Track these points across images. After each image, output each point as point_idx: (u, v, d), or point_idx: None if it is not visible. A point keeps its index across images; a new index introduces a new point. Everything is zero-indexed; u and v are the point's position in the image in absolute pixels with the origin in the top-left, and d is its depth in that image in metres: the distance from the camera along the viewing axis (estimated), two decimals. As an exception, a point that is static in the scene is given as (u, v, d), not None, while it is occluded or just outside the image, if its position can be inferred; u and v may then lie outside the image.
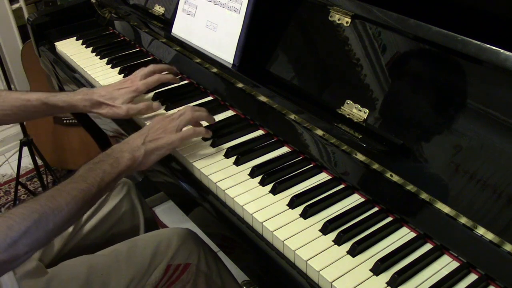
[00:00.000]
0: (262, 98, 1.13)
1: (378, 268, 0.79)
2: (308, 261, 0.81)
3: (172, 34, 1.37)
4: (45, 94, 1.16)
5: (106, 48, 1.55)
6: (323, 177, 1.00)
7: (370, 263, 0.81)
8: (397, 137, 0.92)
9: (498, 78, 0.81)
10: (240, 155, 1.04)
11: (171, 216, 2.16)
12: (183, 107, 1.12)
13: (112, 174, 0.92)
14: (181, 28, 1.36)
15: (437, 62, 0.90)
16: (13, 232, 0.74)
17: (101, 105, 1.17)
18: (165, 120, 1.04)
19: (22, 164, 2.27)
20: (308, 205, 0.91)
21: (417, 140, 0.89)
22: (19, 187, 2.23)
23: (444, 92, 0.88)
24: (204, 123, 1.13)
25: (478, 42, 0.80)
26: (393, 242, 0.85)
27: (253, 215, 0.90)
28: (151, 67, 1.24)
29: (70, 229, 1.17)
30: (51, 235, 0.81)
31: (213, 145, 1.09)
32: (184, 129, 1.05)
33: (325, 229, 0.87)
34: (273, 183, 0.97)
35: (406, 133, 0.91)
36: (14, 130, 2.64)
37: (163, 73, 1.27)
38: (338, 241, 0.85)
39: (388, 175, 0.90)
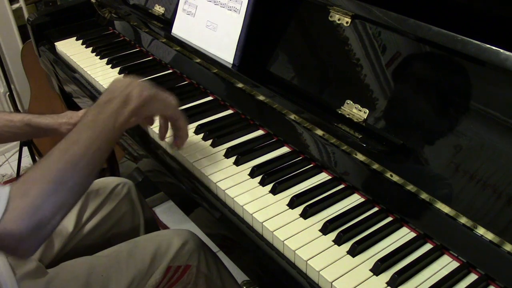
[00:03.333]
0: (262, 98, 1.13)
1: (378, 268, 0.79)
2: (308, 261, 0.81)
3: (172, 34, 1.37)
4: (29, 116, 1.14)
5: (106, 48, 1.55)
6: (323, 177, 1.00)
7: (370, 263, 0.81)
8: (397, 137, 0.92)
9: (498, 78, 0.81)
10: (240, 155, 1.04)
11: (171, 216, 2.16)
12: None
13: (125, 114, 0.86)
14: (181, 28, 1.36)
15: (437, 62, 0.90)
16: (30, 197, 0.71)
17: None
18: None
19: (22, 164, 2.27)
20: (308, 205, 0.91)
21: (417, 140, 0.89)
22: (19, 187, 2.22)
23: (444, 92, 0.88)
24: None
25: (478, 42, 0.80)
26: (393, 242, 0.85)
27: (253, 215, 0.90)
28: None
29: (70, 229, 1.17)
30: (74, 192, 0.77)
31: (213, 145, 1.09)
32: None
33: (325, 229, 0.87)
34: (273, 183, 0.97)
35: (406, 133, 0.91)
36: (14, 130, 2.63)
37: None
38: (338, 241, 0.85)
39: (388, 175, 0.90)
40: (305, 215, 0.90)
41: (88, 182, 0.81)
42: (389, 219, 0.90)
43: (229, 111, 1.22)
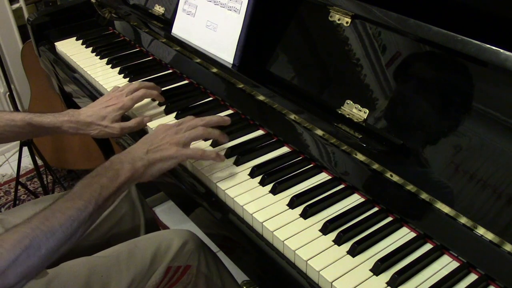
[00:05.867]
0: (262, 98, 1.13)
1: (378, 268, 0.79)
2: (308, 261, 0.81)
3: (172, 34, 1.37)
4: (30, 115, 1.14)
5: (106, 48, 1.55)
6: (323, 177, 1.00)
7: (370, 263, 0.81)
8: (397, 137, 0.92)
9: (498, 78, 0.81)
10: (240, 155, 1.04)
11: (171, 216, 2.16)
12: (191, 119, 1.05)
13: (111, 188, 0.87)
14: (181, 28, 1.36)
15: (437, 62, 0.90)
16: (1, 261, 0.70)
17: (90, 126, 1.14)
18: (172, 129, 0.99)
19: (22, 164, 2.27)
20: (308, 205, 0.91)
21: (417, 140, 0.89)
22: (19, 187, 2.23)
23: (444, 92, 0.88)
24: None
25: (478, 42, 0.80)
26: (393, 242, 0.85)
27: (253, 215, 0.91)
28: (137, 83, 1.22)
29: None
30: (44, 260, 0.77)
31: (213, 145, 1.09)
32: (192, 145, 0.99)
33: (325, 229, 0.87)
34: (273, 183, 0.97)
35: (406, 133, 0.91)
36: (14, 130, 2.63)
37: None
38: (338, 241, 0.85)
39: (388, 175, 0.90)
40: (305, 215, 0.90)
41: (61, 251, 0.80)
42: (389, 219, 0.90)
43: (229, 111, 1.22)
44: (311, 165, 1.03)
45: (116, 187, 0.88)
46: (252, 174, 1.00)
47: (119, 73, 1.42)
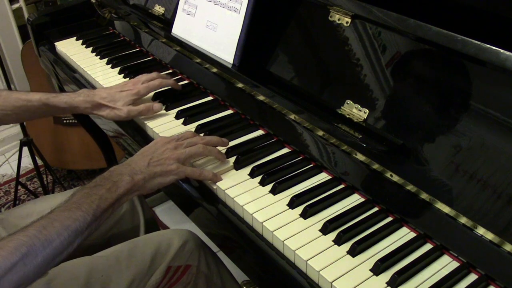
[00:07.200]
0: (262, 98, 1.13)
1: (378, 268, 0.79)
2: (308, 261, 0.81)
3: (172, 34, 1.37)
4: (46, 95, 1.16)
5: (106, 48, 1.55)
6: (323, 177, 1.00)
7: (370, 263, 0.81)
8: (397, 137, 0.92)
9: (498, 78, 0.81)
10: (240, 155, 1.04)
11: (171, 216, 2.16)
12: (191, 134, 1.05)
13: (109, 200, 0.87)
14: (181, 28, 1.36)
15: (437, 62, 0.90)
16: None
17: (101, 107, 1.17)
18: (171, 143, 0.99)
19: (22, 164, 2.27)
20: (308, 205, 0.91)
21: (417, 140, 0.89)
22: (19, 187, 2.23)
23: (444, 92, 0.88)
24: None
25: (478, 42, 0.80)
26: (393, 242, 0.85)
27: (253, 215, 0.91)
28: (154, 74, 1.25)
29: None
30: (40, 269, 0.76)
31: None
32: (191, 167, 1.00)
33: (325, 229, 0.87)
34: (273, 183, 0.97)
35: (406, 133, 0.91)
36: (14, 130, 2.64)
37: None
38: (338, 241, 0.85)
39: (388, 175, 0.90)
40: (305, 215, 0.90)
41: (56, 261, 0.80)
42: (389, 219, 0.90)
43: (229, 111, 1.22)
44: (311, 165, 1.03)
45: (115, 199, 0.88)
46: (252, 174, 1.00)
47: (119, 73, 1.42)
